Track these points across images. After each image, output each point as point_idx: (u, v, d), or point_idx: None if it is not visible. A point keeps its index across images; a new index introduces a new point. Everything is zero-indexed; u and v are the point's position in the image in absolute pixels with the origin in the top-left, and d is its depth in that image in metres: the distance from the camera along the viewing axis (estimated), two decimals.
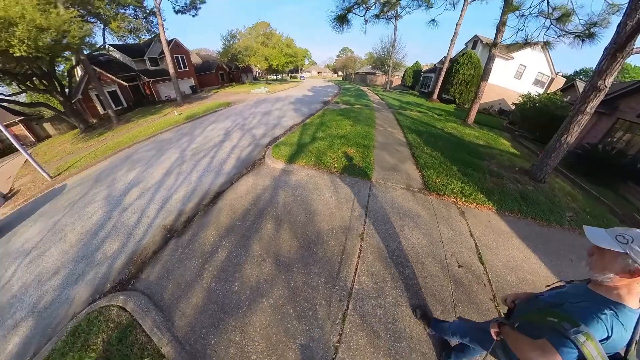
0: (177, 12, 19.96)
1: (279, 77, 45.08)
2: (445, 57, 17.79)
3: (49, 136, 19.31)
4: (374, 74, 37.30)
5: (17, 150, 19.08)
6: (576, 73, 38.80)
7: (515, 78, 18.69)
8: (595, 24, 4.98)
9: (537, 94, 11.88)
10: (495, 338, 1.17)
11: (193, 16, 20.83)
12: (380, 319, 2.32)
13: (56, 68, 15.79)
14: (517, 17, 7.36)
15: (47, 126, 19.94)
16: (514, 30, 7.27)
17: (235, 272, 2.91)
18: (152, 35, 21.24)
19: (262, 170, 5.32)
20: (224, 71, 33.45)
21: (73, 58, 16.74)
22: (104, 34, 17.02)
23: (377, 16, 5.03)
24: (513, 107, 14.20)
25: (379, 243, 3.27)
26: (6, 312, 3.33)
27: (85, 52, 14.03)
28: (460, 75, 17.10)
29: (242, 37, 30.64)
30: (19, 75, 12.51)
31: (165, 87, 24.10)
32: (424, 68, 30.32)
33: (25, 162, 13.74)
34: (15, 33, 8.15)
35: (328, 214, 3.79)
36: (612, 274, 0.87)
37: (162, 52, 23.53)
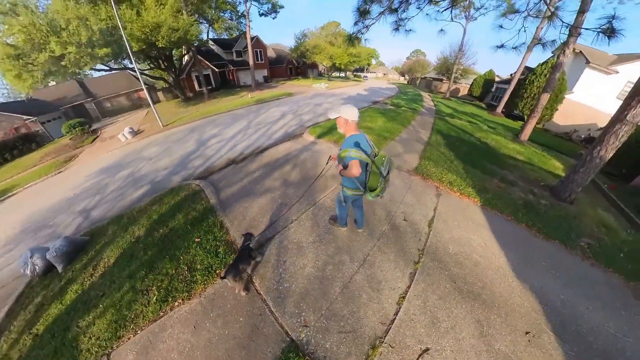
0: (260, 15, 23.92)
1: (342, 75, 46.74)
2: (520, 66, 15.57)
3: (159, 101, 25.84)
4: (441, 80, 35.52)
5: (140, 107, 25.74)
6: None
7: (618, 99, 14.01)
8: (614, 17, 4.19)
9: None
10: (338, 172, 2.18)
11: (273, 18, 24.56)
12: (324, 221, 3.51)
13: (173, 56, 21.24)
14: (512, 19, 6.48)
15: (159, 94, 26.62)
16: (514, 32, 6.25)
17: (260, 181, 4.78)
18: (240, 33, 25.79)
19: (298, 140, 7.16)
20: (293, 65, 37.15)
21: (183, 48, 22.08)
22: (208, 32, 21.94)
23: (396, 30, 5.60)
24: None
25: None
26: (138, 182, 6.17)
27: (195, 44, 18.54)
28: (533, 87, 14.69)
29: (313, 36, 33.49)
30: (153, 57, 17.57)
31: (244, 75, 28.69)
32: (499, 78, 27.35)
33: (145, 114, 19.12)
34: (160, 33, 12.34)
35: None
36: (343, 127, 2.06)
37: (246, 47, 28.10)
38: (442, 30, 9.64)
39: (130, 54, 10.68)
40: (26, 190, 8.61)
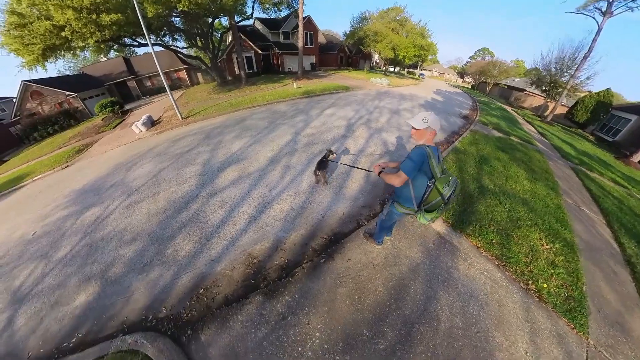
0: None
1: (396, 70, 41.01)
2: None
3: (198, 83, 24.32)
4: (523, 90, 27.78)
5: (179, 87, 24.48)
6: None
7: None
8: None
9: None
10: (377, 174, 2.02)
11: None
12: None
13: (214, 34, 18.28)
14: None
15: (199, 76, 24.82)
16: None
17: None
18: (291, 10, 21.98)
19: (410, 223, 3.10)
20: (344, 54, 32.73)
21: (228, 24, 19.11)
22: (253, 6, 18.44)
23: None
24: None
25: None
26: (90, 257, 3.18)
27: (236, 18, 15.26)
28: None
29: (373, 20, 28.46)
30: (188, 33, 14.88)
31: (290, 60, 25.26)
32: (617, 102, 18.63)
33: (177, 98, 16.97)
34: None
35: None
36: (424, 138, 1.77)
37: (295, 27, 24.41)
38: None
39: (142, 23, 7.69)
40: (21, 191, 6.97)
